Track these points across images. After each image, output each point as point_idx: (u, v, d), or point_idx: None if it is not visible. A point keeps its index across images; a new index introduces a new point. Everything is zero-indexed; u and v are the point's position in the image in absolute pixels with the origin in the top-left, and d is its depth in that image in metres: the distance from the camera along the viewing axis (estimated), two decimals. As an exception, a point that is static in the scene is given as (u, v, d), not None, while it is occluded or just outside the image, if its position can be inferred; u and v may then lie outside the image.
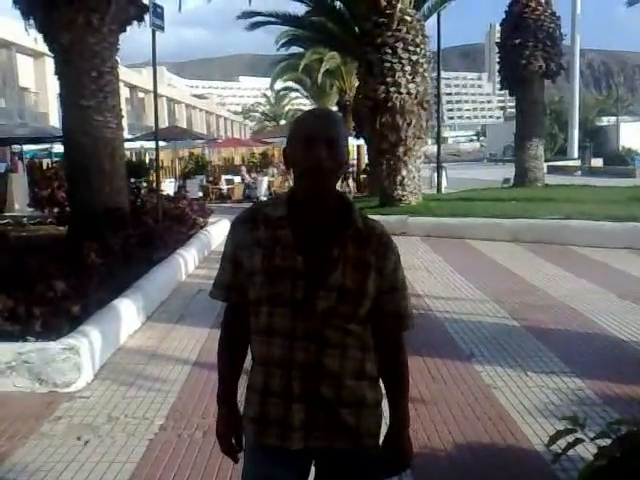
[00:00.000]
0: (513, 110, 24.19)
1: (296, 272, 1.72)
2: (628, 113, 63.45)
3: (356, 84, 17.85)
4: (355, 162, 27.73)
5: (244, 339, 1.87)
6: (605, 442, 1.95)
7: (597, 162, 35.50)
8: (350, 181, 25.86)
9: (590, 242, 10.35)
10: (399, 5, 14.64)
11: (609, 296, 7.30)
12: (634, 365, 5.04)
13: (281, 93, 59.91)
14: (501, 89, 23.22)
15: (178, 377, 5.03)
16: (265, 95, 71.34)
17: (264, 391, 1.77)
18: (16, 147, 22.88)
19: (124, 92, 40.23)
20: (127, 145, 21.18)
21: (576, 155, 38.93)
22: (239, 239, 1.82)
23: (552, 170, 29.18)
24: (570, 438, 2.00)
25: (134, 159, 22.88)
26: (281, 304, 1.73)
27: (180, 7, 12.00)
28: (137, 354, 5.63)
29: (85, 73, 8.91)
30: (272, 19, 20.49)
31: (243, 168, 26.59)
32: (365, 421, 1.82)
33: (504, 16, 21.03)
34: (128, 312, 6.19)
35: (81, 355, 4.82)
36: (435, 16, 19.86)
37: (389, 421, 1.90)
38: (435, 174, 21.67)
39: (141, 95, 48.55)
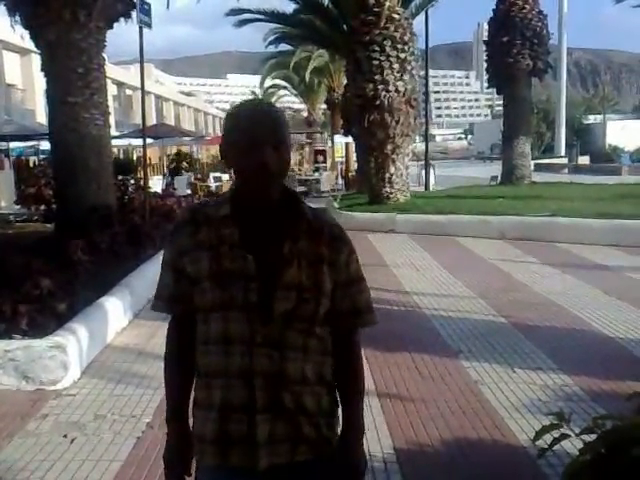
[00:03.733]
0: (501, 108, 24.31)
1: (248, 273, 1.60)
2: (614, 111, 63.87)
3: (345, 82, 17.82)
4: (343, 160, 27.76)
5: (192, 352, 1.70)
6: (590, 437, 1.97)
7: (584, 160, 35.77)
8: (339, 178, 25.92)
9: (577, 239, 10.42)
10: (387, 3, 14.64)
11: (595, 293, 7.36)
12: (620, 361, 5.10)
13: (269, 91, 59.81)
14: (489, 87, 23.28)
15: (166, 375, 5.01)
16: (253, 92, 71.12)
17: (223, 406, 1.63)
18: (2, 144, 22.68)
19: (111, 89, 39.95)
20: (114, 142, 21.05)
21: (563, 153, 39.15)
22: (180, 244, 1.68)
23: (539, 168, 29.34)
24: (556, 433, 2.02)
25: (122, 156, 22.76)
26: (236, 309, 1.60)
27: (168, 4, 11.94)
28: (124, 352, 5.61)
29: (71, 70, 8.85)
30: (260, 16, 20.43)
31: (232, 165, 26.50)
32: (325, 430, 1.70)
33: (492, 14, 21.11)
34: (115, 310, 6.16)
35: (68, 353, 4.80)
36: (423, 14, 19.90)
37: (342, 428, 1.75)
38: (423, 172, 21.74)
39: (129, 92, 48.26)
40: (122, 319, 6.39)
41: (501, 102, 22.90)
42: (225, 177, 25.22)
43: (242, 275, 1.60)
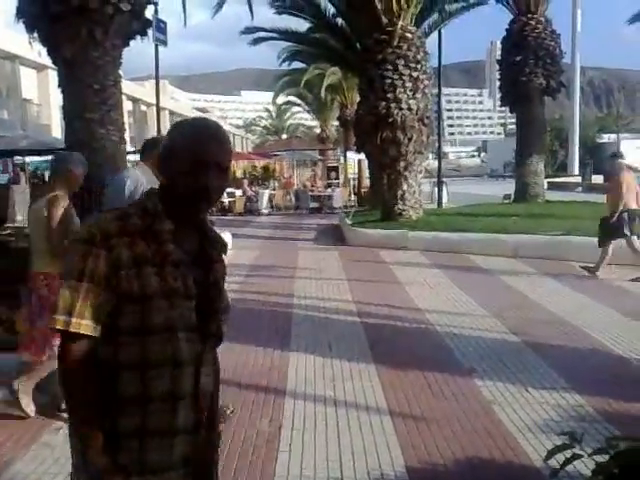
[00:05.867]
0: (514, 126, 24.30)
1: (191, 293, 1.58)
2: (629, 130, 63.56)
3: (357, 99, 17.93)
4: (356, 176, 27.81)
5: (96, 373, 1.55)
6: (603, 458, 1.95)
7: (598, 179, 35.56)
8: (351, 195, 25.96)
9: (591, 258, 10.32)
10: (400, 22, 14.77)
11: (609, 312, 7.30)
12: (634, 381, 5.04)
13: (283, 107, 60.21)
14: (502, 106, 23.34)
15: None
16: (267, 109, 71.64)
17: (169, 431, 1.57)
18: (18, 159, 22.92)
19: (127, 105, 40.34)
20: (129, 158, 21.24)
21: (577, 172, 39.00)
22: (116, 257, 1.51)
23: (552, 186, 29.23)
24: (568, 454, 2.01)
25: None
26: (184, 330, 1.56)
27: (185, 22, 12.10)
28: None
29: (88, 86, 8.96)
30: (275, 35, 20.69)
31: (245, 181, 26.70)
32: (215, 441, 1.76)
33: (505, 34, 21.19)
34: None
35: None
36: (436, 33, 20.02)
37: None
38: (436, 189, 21.73)
39: (143, 108, 48.73)
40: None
41: (514, 120, 22.91)
42: (238, 192, 25.34)
43: (186, 294, 1.57)
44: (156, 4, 9.87)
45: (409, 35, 14.92)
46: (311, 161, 34.76)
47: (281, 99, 51.41)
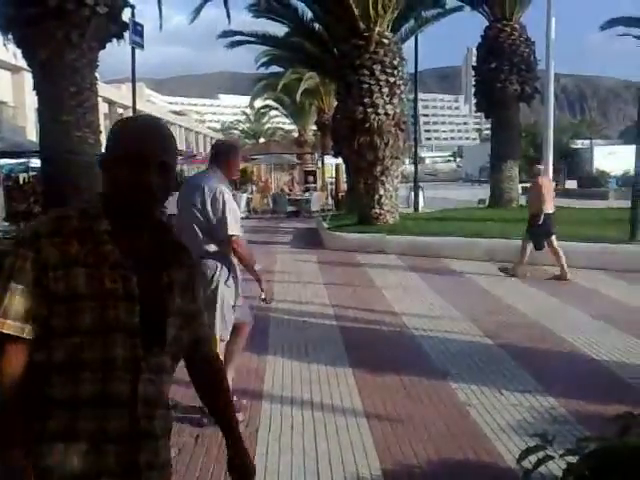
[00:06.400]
0: (489, 132, 24.57)
1: (131, 295, 1.52)
2: (601, 136, 64.64)
3: (335, 104, 18.01)
4: (333, 180, 27.89)
5: (31, 380, 1.50)
6: (574, 459, 2.00)
7: (571, 184, 36.11)
8: (329, 198, 26.04)
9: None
10: (377, 28, 14.89)
11: (582, 315, 7.43)
12: (605, 383, 5.14)
13: (261, 111, 60.19)
14: (477, 111, 23.57)
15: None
16: (245, 113, 71.53)
17: (96, 437, 1.49)
18: (-9, 161, 22.59)
19: (103, 108, 39.95)
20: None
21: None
22: (45, 257, 1.48)
23: (527, 191, 29.54)
24: (541, 455, 2.05)
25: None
26: (118, 332, 1.50)
27: (161, 26, 12.06)
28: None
29: (64, 89, 8.91)
30: (252, 39, 20.69)
31: (223, 185, 26.60)
32: (165, 452, 1.66)
33: (480, 40, 21.44)
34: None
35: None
36: (413, 39, 20.20)
37: (231, 436, 1.82)
38: (412, 193, 21.90)
39: (120, 111, 48.29)
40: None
41: (489, 126, 23.16)
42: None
43: (125, 296, 1.51)
44: (133, 7, 9.85)
45: (386, 41, 15.05)
46: (289, 165, 34.76)
47: (259, 103, 51.42)
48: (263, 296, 4.57)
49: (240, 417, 4.11)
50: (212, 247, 4.30)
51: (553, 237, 9.93)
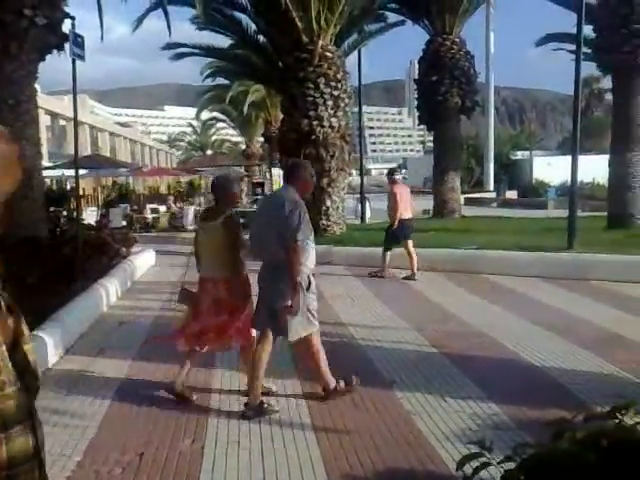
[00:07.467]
0: (432, 144, 25.03)
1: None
2: (540, 148, 66.59)
3: (281, 116, 18.06)
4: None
5: None
6: (512, 465, 2.07)
7: (512, 194, 37.02)
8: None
9: (505, 271, 10.78)
10: (320, 42, 15.06)
11: (522, 323, 7.62)
12: (545, 389, 5.30)
13: (207, 123, 59.82)
14: (420, 124, 23.98)
15: (97, 412, 4.91)
16: (191, 125, 70.94)
17: None
18: None
19: (45, 120, 39.11)
20: (48, 173, 20.48)
21: (492, 187, 40.48)
22: None
23: (469, 202, 30.22)
24: (480, 461, 2.10)
25: (55, 187, 22.23)
26: None
27: (102, 37, 11.89)
28: (54, 388, 5.45)
29: (2, 101, 8.71)
30: (196, 50, 20.54)
31: (171, 197, 26.37)
32: None
33: (422, 54, 21.84)
34: (44, 345, 5.99)
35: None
36: (356, 53, 20.42)
37: None
38: (359, 204, 22.10)
39: (62, 123, 47.27)
40: (52, 354, 6.22)
41: (432, 138, 23.59)
42: (162, 208, 24.96)
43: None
44: (73, 18, 9.66)
45: (329, 54, 15.23)
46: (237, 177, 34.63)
47: (205, 115, 51.09)
48: (289, 303, 4.73)
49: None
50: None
51: (410, 241, 10.91)
